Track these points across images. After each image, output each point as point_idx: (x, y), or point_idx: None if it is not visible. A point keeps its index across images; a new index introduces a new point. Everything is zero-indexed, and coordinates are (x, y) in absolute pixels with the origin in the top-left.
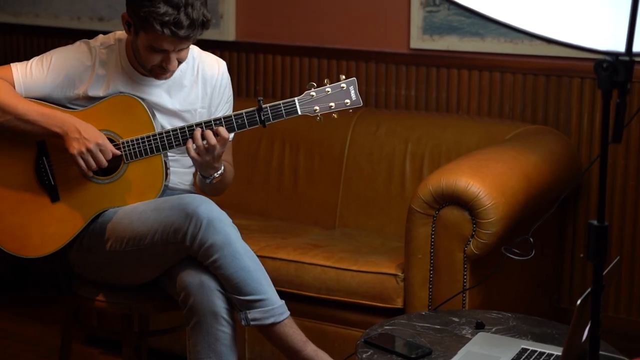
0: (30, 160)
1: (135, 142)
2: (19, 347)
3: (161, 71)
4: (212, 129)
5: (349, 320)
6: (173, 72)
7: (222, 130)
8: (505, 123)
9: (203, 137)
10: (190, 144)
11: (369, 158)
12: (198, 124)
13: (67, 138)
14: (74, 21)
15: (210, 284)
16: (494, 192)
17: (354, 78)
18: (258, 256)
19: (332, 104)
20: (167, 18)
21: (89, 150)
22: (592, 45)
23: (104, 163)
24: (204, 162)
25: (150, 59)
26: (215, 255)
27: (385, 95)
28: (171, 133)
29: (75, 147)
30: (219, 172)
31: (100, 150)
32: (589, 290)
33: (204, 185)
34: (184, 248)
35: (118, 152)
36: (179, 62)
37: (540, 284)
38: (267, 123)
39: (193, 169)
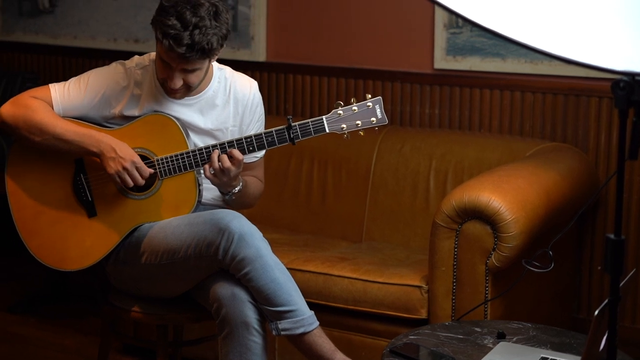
0: (68, 178)
1: (169, 159)
2: (59, 356)
3: (168, 88)
4: (226, 152)
5: (375, 330)
6: (179, 92)
7: (236, 152)
8: (525, 140)
9: (219, 159)
10: (206, 166)
11: (395, 174)
12: (230, 142)
13: (103, 157)
14: (110, 42)
15: (242, 295)
16: (514, 207)
17: (380, 97)
18: (288, 269)
19: (359, 122)
20: (171, 31)
21: (125, 169)
22: (609, 66)
23: (141, 180)
24: (221, 183)
25: (159, 71)
26: (246, 268)
27: (410, 114)
28: (204, 150)
29: (112, 167)
30: (237, 189)
31: (137, 168)
32: (606, 301)
33: (224, 200)
34: (216, 261)
35: (152, 170)
36: (189, 87)
37: (559, 295)
38: (296, 141)
39: None
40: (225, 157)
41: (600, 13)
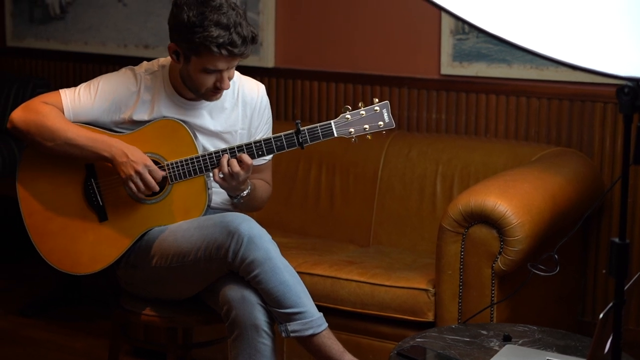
0: (79, 183)
1: (179, 164)
2: (70, 359)
3: (214, 92)
4: (235, 157)
5: (382, 333)
6: (224, 90)
7: (245, 157)
8: (531, 145)
9: (229, 164)
10: (215, 170)
11: (402, 179)
12: (239, 146)
13: (115, 162)
14: (120, 48)
15: (252, 298)
16: (520, 211)
17: (387, 101)
18: (296, 272)
19: (367, 126)
20: (221, 40)
21: (137, 173)
22: (614, 72)
23: (153, 184)
24: (230, 187)
25: (205, 82)
26: (256, 271)
27: (417, 119)
28: (213, 155)
29: (124, 171)
30: (245, 192)
31: (149, 172)
32: (611, 304)
33: (232, 203)
34: (226, 264)
35: (164, 172)
36: (229, 80)
37: (564, 298)
38: (304, 145)
39: None
40: (234, 161)
41: (606, 19)
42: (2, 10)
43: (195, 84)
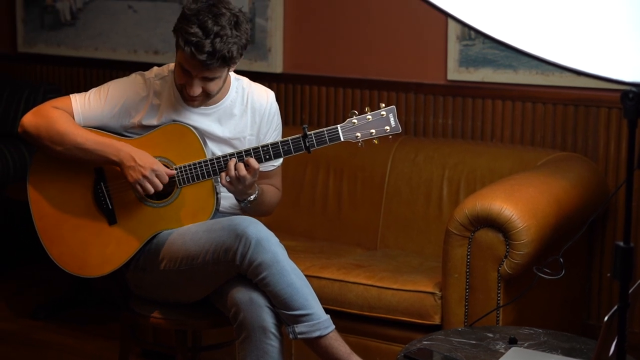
0: (88, 186)
1: (187, 168)
2: None
3: (187, 95)
4: (243, 161)
5: (389, 335)
6: (197, 99)
7: (252, 161)
8: (536, 150)
9: (236, 167)
10: (223, 174)
11: (409, 183)
12: (247, 151)
13: (123, 166)
14: (130, 54)
15: (260, 300)
16: (526, 215)
17: (393, 106)
18: (304, 275)
19: (373, 130)
20: (192, 38)
21: (144, 177)
22: (618, 77)
23: (160, 186)
24: (237, 190)
25: (178, 78)
26: (263, 273)
27: (423, 124)
28: (221, 159)
29: (131, 175)
30: (252, 197)
31: (156, 176)
32: (615, 307)
33: (240, 208)
34: (234, 267)
35: (173, 172)
36: (208, 95)
37: (569, 301)
38: (311, 149)
39: None
40: (241, 165)
41: (610, 26)
42: (14, 16)
43: (175, 78)
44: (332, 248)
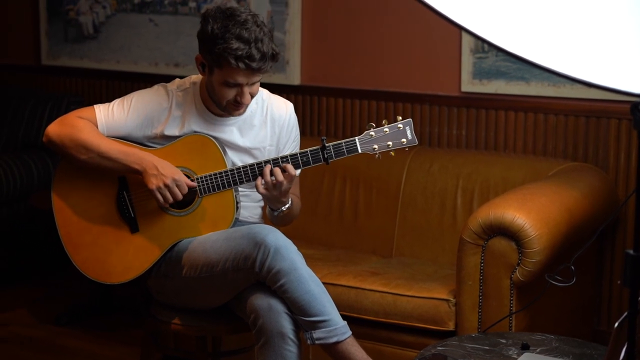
0: (112, 195)
1: (208, 177)
2: None
3: (235, 106)
4: (279, 166)
5: (404, 341)
6: (246, 106)
7: (290, 167)
8: (548, 160)
9: (271, 174)
10: (259, 180)
11: (423, 192)
12: (267, 162)
13: (145, 174)
14: (152, 67)
15: (278, 306)
16: (538, 223)
17: (410, 119)
18: (321, 282)
19: (390, 142)
20: (240, 52)
21: (166, 185)
22: (628, 89)
23: (180, 196)
24: (272, 197)
25: (225, 94)
26: (282, 280)
27: (438, 135)
28: (242, 170)
29: (153, 183)
30: (286, 206)
31: (177, 185)
32: (625, 314)
33: (272, 217)
34: (253, 274)
35: (194, 184)
36: (252, 97)
37: (580, 308)
38: (329, 160)
39: (262, 203)
40: (278, 170)
41: (619, 38)
42: (38, 30)
43: (217, 96)
44: (349, 256)
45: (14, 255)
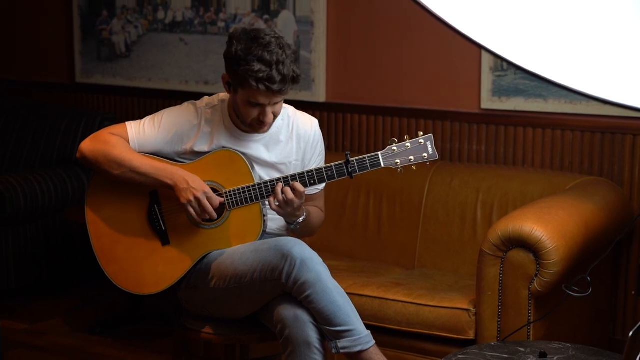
0: (143, 209)
1: (236, 192)
2: None
3: (259, 125)
4: (289, 185)
5: (426, 350)
6: (270, 125)
7: (298, 185)
8: (565, 175)
9: (283, 192)
10: (271, 199)
11: (445, 206)
12: (292, 176)
13: (177, 189)
14: (182, 85)
15: (304, 317)
16: (555, 236)
17: (431, 134)
18: (346, 293)
19: (412, 157)
20: (261, 75)
21: (197, 199)
22: None
23: (210, 209)
24: (286, 213)
25: (249, 113)
26: (308, 291)
27: (459, 151)
28: (269, 184)
29: (184, 197)
30: (301, 219)
31: (208, 198)
32: (639, 323)
33: (289, 230)
34: (280, 285)
35: (222, 199)
36: (275, 116)
37: (596, 317)
38: (353, 175)
39: None
40: (288, 189)
41: (634, 57)
42: (72, 49)
43: (242, 114)
44: (373, 267)
45: (50, 266)
